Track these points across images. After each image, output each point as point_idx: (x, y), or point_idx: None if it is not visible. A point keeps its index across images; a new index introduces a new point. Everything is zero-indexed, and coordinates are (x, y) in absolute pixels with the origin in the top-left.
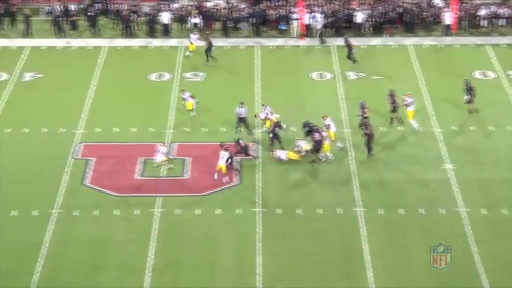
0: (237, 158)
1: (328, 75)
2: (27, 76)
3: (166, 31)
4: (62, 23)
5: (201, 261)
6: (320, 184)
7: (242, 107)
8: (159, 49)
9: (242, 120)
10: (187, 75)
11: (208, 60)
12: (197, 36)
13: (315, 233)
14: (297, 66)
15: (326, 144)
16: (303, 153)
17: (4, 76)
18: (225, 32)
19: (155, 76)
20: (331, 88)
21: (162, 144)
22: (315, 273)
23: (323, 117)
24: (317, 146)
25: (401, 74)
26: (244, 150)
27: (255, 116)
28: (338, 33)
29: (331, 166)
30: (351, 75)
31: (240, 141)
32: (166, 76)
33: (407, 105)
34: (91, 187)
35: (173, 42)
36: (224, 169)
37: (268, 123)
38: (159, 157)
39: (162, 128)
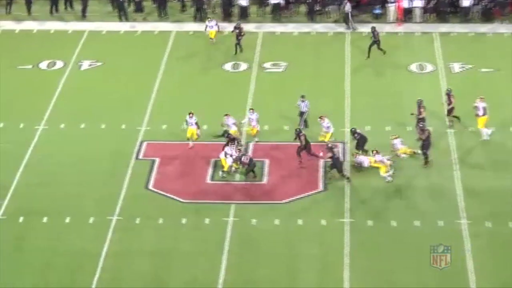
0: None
1: (429, 67)
2: (85, 65)
3: (243, 15)
4: (125, 4)
5: (279, 278)
6: (417, 192)
7: (303, 101)
8: (234, 35)
9: (301, 115)
10: (267, 65)
11: (236, 52)
12: (215, 22)
13: (411, 248)
14: (393, 56)
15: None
16: (388, 161)
17: (59, 64)
18: (311, 16)
19: (230, 66)
20: (432, 82)
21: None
22: None
23: (320, 118)
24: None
25: None
26: (306, 148)
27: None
28: (441, 19)
29: (430, 172)
30: (456, 67)
31: (300, 134)
32: (243, 66)
33: (477, 110)
34: (155, 191)
35: (250, 26)
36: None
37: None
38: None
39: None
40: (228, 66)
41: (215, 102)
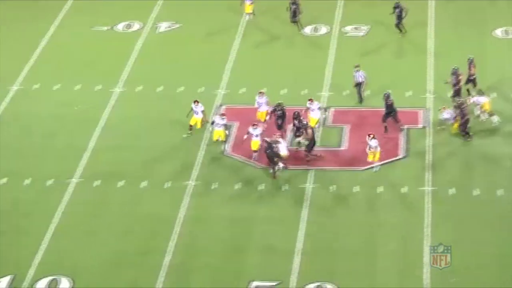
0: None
1: None
2: (163, 27)
3: None
4: None
5: (358, 247)
6: (503, 159)
7: (357, 71)
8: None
9: (357, 85)
10: (348, 28)
11: (299, 29)
12: None
13: (495, 220)
14: (478, 20)
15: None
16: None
17: (136, 26)
18: None
19: (311, 29)
20: None
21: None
22: (494, 267)
23: (310, 100)
24: None
25: None
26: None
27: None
28: None
29: None
30: None
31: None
32: (323, 29)
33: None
34: (233, 156)
35: None
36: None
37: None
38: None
39: (317, 90)
40: (307, 30)
41: (294, 66)
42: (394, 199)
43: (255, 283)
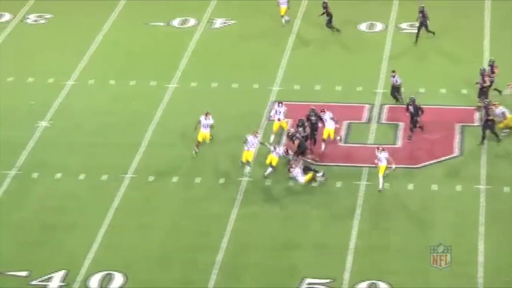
0: None
1: None
2: (218, 23)
3: None
4: None
5: (411, 244)
6: None
7: (393, 76)
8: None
9: (395, 90)
10: (404, 25)
11: (333, 31)
12: None
13: None
14: None
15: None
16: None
17: (192, 22)
18: None
19: (366, 26)
20: None
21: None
22: None
23: (322, 111)
24: None
25: None
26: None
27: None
28: None
29: None
30: None
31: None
32: (379, 26)
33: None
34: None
35: None
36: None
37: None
38: (299, 176)
39: (372, 87)
40: (363, 26)
41: (349, 62)
42: (448, 198)
43: (307, 281)
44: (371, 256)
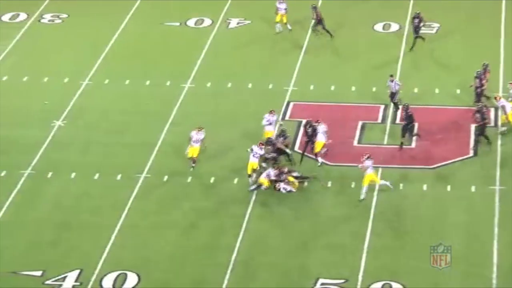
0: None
1: None
2: (233, 23)
3: None
4: None
5: (425, 245)
6: None
7: (391, 80)
8: None
9: (391, 96)
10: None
11: (331, 35)
12: (284, 5)
13: None
14: None
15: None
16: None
17: (207, 21)
18: None
19: (381, 26)
20: None
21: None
22: None
23: (317, 121)
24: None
25: None
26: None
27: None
28: None
29: None
30: None
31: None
32: (394, 27)
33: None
34: (300, 153)
35: None
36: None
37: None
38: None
39: (387, 87)
40: (379, 27)
41: (365, 63)
42: (463, 198)
43: (321, 281)
44: (385, 256)
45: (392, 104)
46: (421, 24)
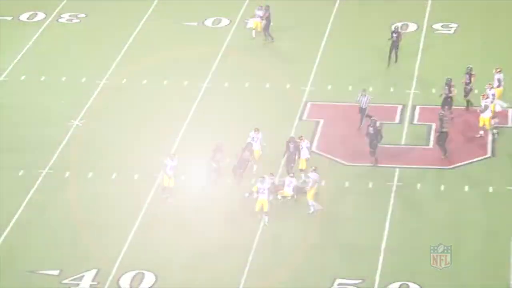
0: None
1: None
2: (250, 23)
3: None
4: None
5: None
6: None
7: (364, 95)
8: None
9: (361, 112)
10: (437, 26)
11: (268, 39)
12: (261, 13)
13: None
14: None
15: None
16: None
17: (225, 21)
18: None
19: (399, 27)
20: None
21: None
22: None
23: (300, 138)
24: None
25: None
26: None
27: None
28: None
29: None
30: None
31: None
32: (411, 27)
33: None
34: (318, 153)
35: None
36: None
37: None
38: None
39: (406, 87)
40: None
41: (382, 64)
42: (480, 198)
43: (338, 281)
44: (402, 256)
45: (412, 106)
46: (400, 39)
